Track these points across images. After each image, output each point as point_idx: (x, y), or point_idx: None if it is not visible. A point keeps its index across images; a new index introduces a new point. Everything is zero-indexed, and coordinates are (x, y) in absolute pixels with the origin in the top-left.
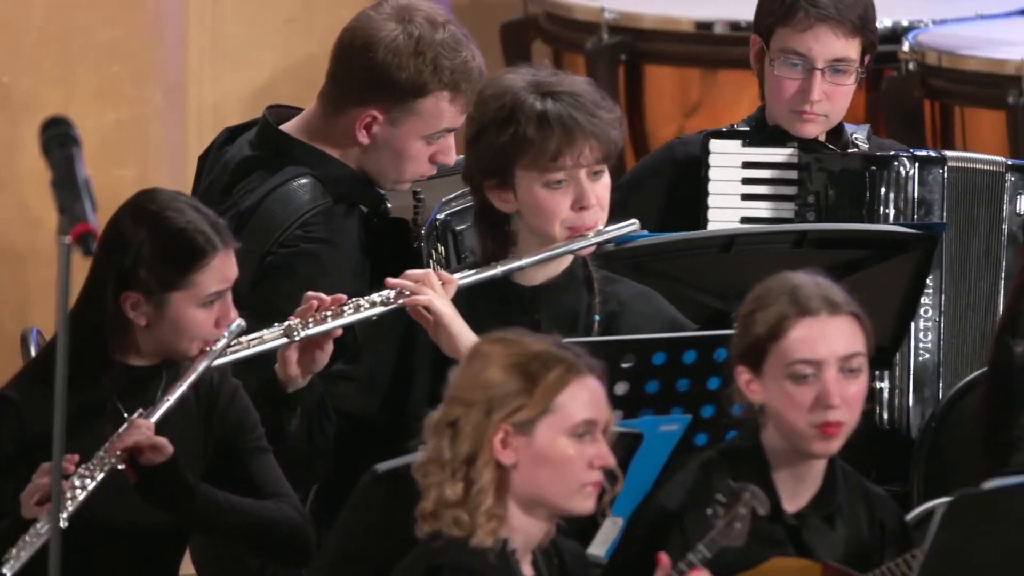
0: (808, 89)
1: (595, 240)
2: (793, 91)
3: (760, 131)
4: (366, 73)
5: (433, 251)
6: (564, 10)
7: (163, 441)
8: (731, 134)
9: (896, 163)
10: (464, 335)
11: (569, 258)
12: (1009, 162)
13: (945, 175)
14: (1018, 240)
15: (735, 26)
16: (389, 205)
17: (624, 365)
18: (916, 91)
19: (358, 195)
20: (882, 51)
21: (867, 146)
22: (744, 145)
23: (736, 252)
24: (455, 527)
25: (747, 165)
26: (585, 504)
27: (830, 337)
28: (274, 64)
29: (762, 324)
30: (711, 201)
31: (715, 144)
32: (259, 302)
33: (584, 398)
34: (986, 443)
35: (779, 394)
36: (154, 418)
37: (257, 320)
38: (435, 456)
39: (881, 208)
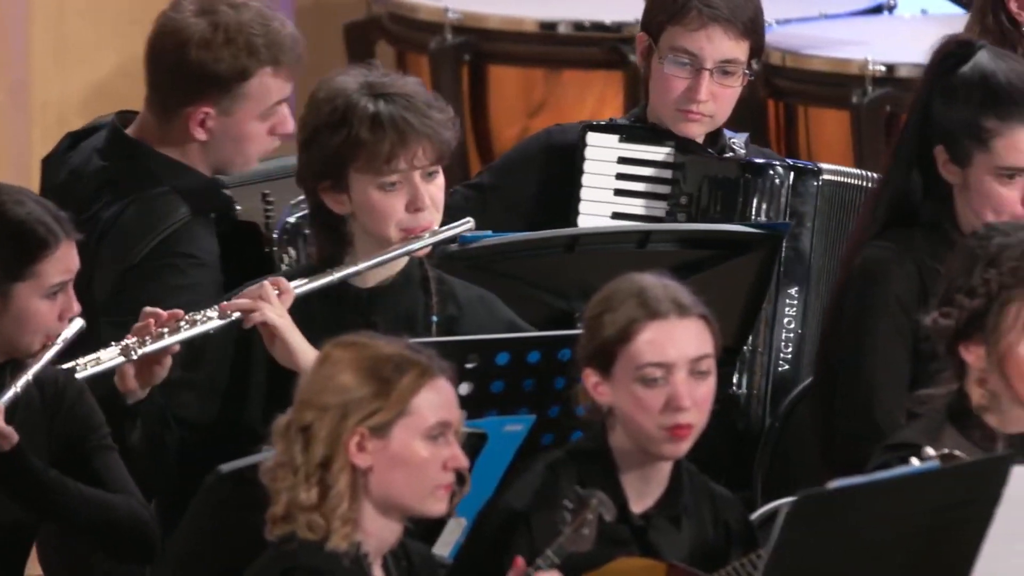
0: (695, 88)
1: (431, 241)
2: (680, 90)
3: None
4: (185, 74)
5: (285, 255)
6: (407, 10)
7: (8, 428)
8: (609, 128)
9: (771, 171)
10: (301, 348)
11: (405, 259)
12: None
13: (819, 187)
14: None
15: (579, 26)
16: (239, 208)
17: (468, 365)
18: (760, 91)
19: (213, 204)
20: None
21: (744, 152)
22: (621, 140)
23: (580, 252)
24: (309, 531)
25: (622, 161)
26: (438, 506)
27: (679, 339)
28: (117, 64)
29: (610, 327)
30: (583, 194)
31: (592, 137)
32: (123, 312)
33: (438, 400)
34: (823, 441)
35: (628, 397)
36: None
37: (119, 331)
38: (286, 460)
39: (753, 215)
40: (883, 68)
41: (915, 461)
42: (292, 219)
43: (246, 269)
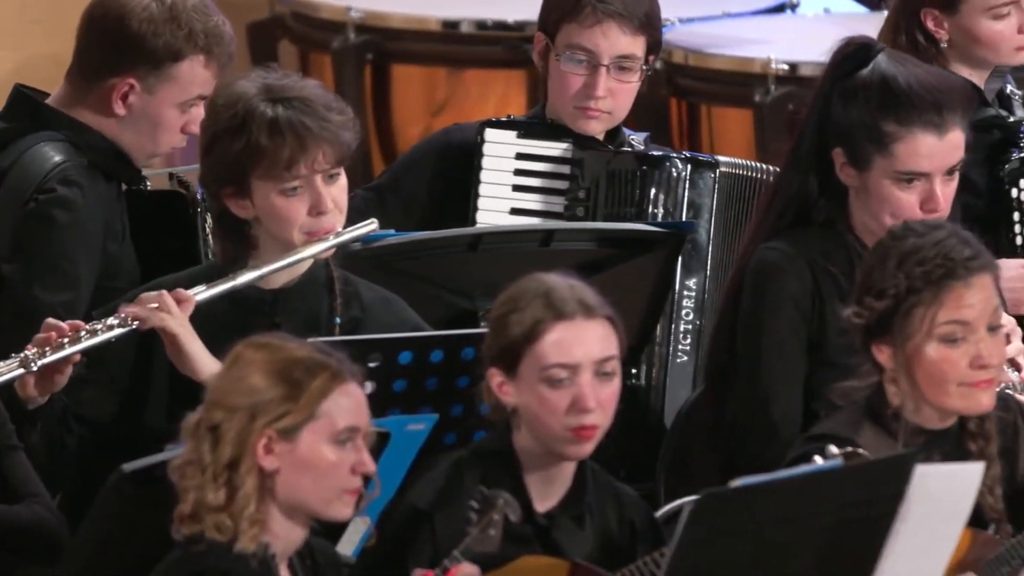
0: (593, 85)
1: (334, 243)
2: (578, 87)
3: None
4: (121, 42)
5: (208, 215)
6: (310, 9)
7: None
8: (507, 124)
9: (668, 164)
10: (199, 356)
11: (310, 261)
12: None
13: (716, 179)
14: None
15: (481, 25)
16: (149, 184)
17: (371, 364)
18: (663, 89)
19: (116, 169)
20: None
21: (642, 148)
22: (519, 136)
23: (483, 251)
24: (217, 532)
25: (521, 157)
26: (345, 510)
27: (585, 341)
28: (16, 62)
29: (516, 327)
30: (482, 190)
31: (490, 133)
32: (21, 252)
33: (347, 405)
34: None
35: (534, 397)
36: None
37: (18, 268)
38: (194, 459)
39: (650, 208)
40: (786, 67)
41: (818, 459)
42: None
43: (171, 236)
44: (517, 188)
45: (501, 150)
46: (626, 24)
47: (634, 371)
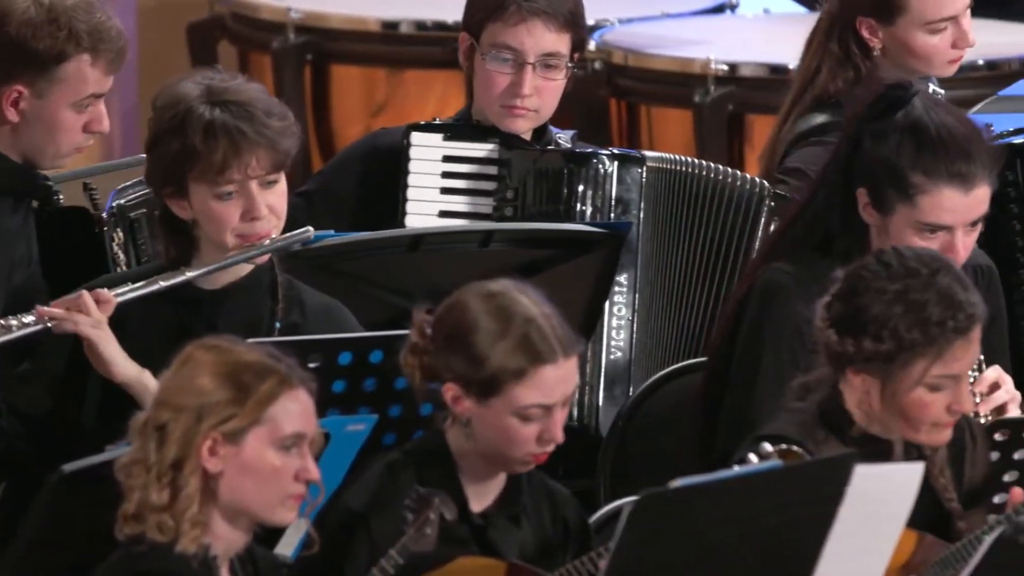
0: (519, 83)
1: (268, 249)
2: (504, 86)
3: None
4: (3, 49)
5: (115, 235)
6: (250, 10)
7: None
8: (433, 127)
9: (595, 161)
10: (116, 360)
11: (248, 264)
12: (714, 166)
13: (643, 174)
14: (735, 243)
15: (421, 26)
16: (61, 197)
17: (311, 365)
18: (602, 90)
19: (24, 187)
20: None
21: (569, 146)
22: (445, 139)
23: (423, 251)
24: (159, 532)
25: (447, 159)
26: (287, 516)
27: (565, 381)
28: None
29: (498, 362)
30: (410, 194)
31: (416, 136)
32: None
33: (295, 410)
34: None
35: (501, 425)
36: None
37: None
38: (140, 458)
39: (579, 205)
40: (725, 67)
41: (753, 458)
42: (119, 202)
43: (76, 254)
44: (445, 191)
45: (428, 153)
46: (551, 22)
47: None
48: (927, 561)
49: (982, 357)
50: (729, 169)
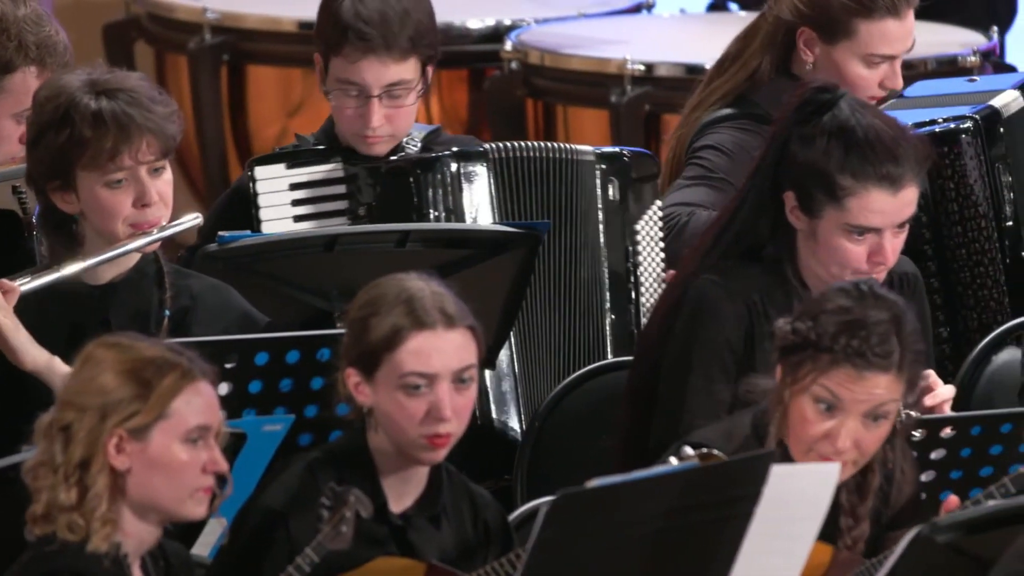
0: (367, 116)
1: (159, 236)
2: (354, 117)
3: (331, 141)
4: None
5: (44, 239)
6: (166, 10)
7: None
8: (274, 158)
9: (440, 164)
10: (24, 348)
11: (138, 255)
12: (596, 150)
13: (488, 168)
14: (615, 227)
15: None
16: None
17: (227, 365)
18: (519, 90)
19: None
20: (484, 50)
21: (417, 148)
22: (288, 167)
23: (339, 252)
24: (69, 532)
25: (294, 187)
26: (197, 509)
27: (444, 351)
28: None
29: (376, 331)
30: (264, 228)
31: (260, 171)
32: None
33: (198, 403)
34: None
35: (390, 402)
36: None
37: None
38: (46, 459)
39: (431, 212)
40: (642, 67)
41: (673, 460)
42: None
43: (3, 258)
44: (298, 218)
45: (273, 185)
46: (388, 55)
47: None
48: (842, 572)
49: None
50: (562, 144)
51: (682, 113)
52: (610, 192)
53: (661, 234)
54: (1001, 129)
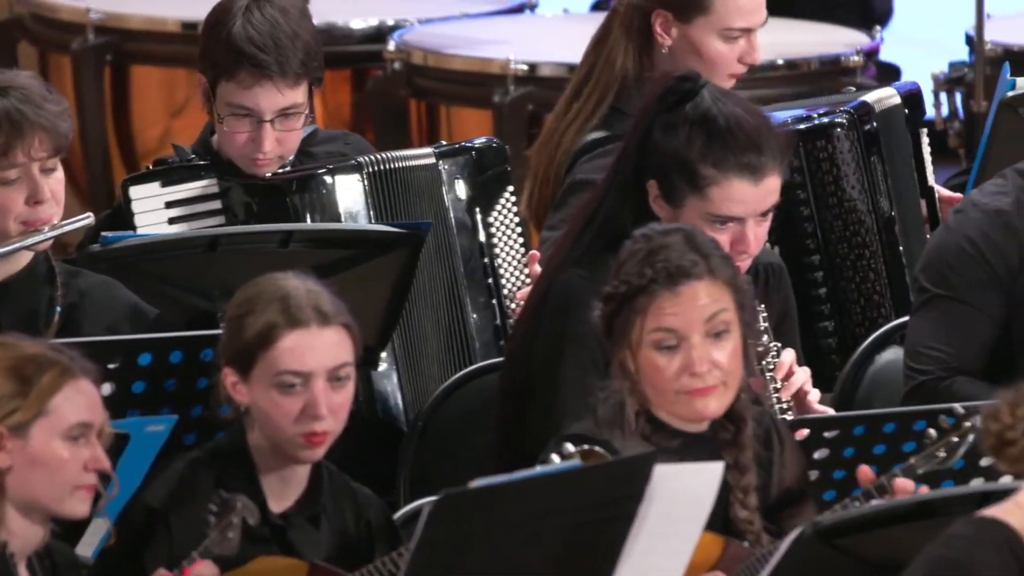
0: (259, 141)
1: (51, 235)
2: (244, 140)
3: (209, 152)
4: None
5: None
6: (49, 10)
7: None
8: (148, 176)
9: (314, 183)
10: None
11: (29, 254)
12: (439, 149)
13: (363, 181)
14: (467, 225)
15: None
16: None
17: (111, 366)
18: (402, 90)
19: None
20: (367, 51)
21: (292, 158)
22: (163, 185)
23: (222, 251)
24: None
25: (170, 205)
26: (80, 507)
27: (319, 349)
28: None
29: (251, 330)
30: None
31: (134, 191)
32: None
33: (79, 401)
34: (504, 433)
35: (266, 401)
36: None
37: None
38: None
39: None
40: (525, 67)
41: (555, 458)
42: None
43: None
44: None
45: (149, 204)
46: (282, 81)
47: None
48: (732, 568)
49: (778, 345)
50: (410, 151)
51: (548, 121)
52: (458, 190)
53: (517, 220)
54: (875, 124)
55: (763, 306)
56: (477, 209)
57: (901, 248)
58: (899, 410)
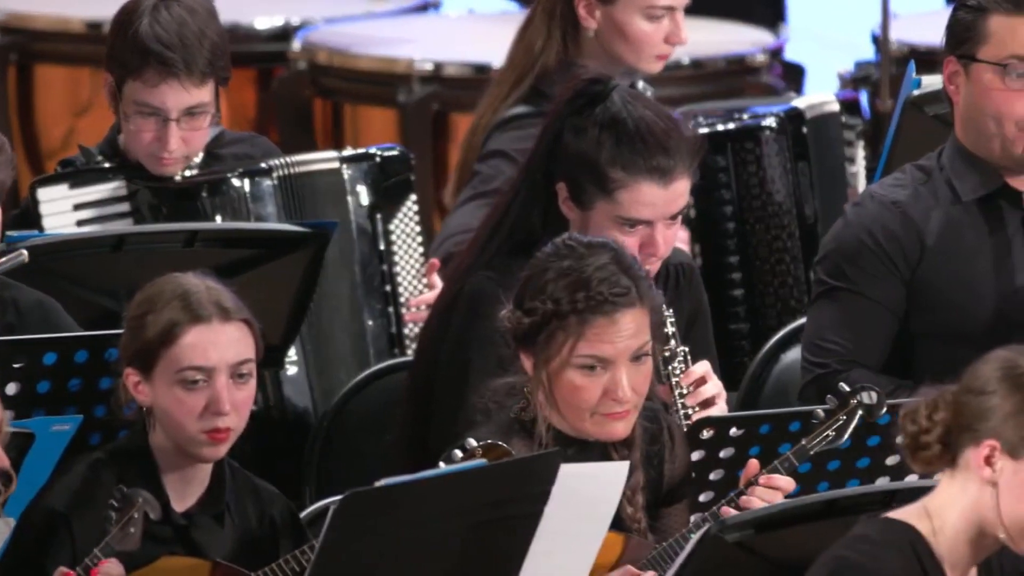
0: (165, 139)
1: None
2: (150, 139)
3: (116, 153)
4: None
5: None
6: None
7: None
8: (56, 178)
9: (225, 186)
10: None
11: None
12: (345, 154)
13: (275, 184)
14: (367, 231)
15: None
16: None
17: (15, 365)
18: (307, 90)
19: None
20: (272, 50)
21: (200, 157)
22: (71, 188)
23: (127, 251)
24: None
25: (78, 207)
26: None
27: (221, 344)
28: None
29: (152, 328)
30: None
31: (42, 192)
32: None
33: None
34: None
35: (168, 398)
36: None
37: None
38: None
39: None
40: (430, 67)
41: (457, 453)
42: None
43: None
44: None
45: (57, 207)
46: (189, 79)
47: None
48: (634, 563)
49: (686, 349)
50: (318, 154)
51: (475, 114)
52: (360, 196)
53: (419, 229)
54: (804, 129)
55: (671, 311)
56: (379, 216)
57: None
58: (805, 409)
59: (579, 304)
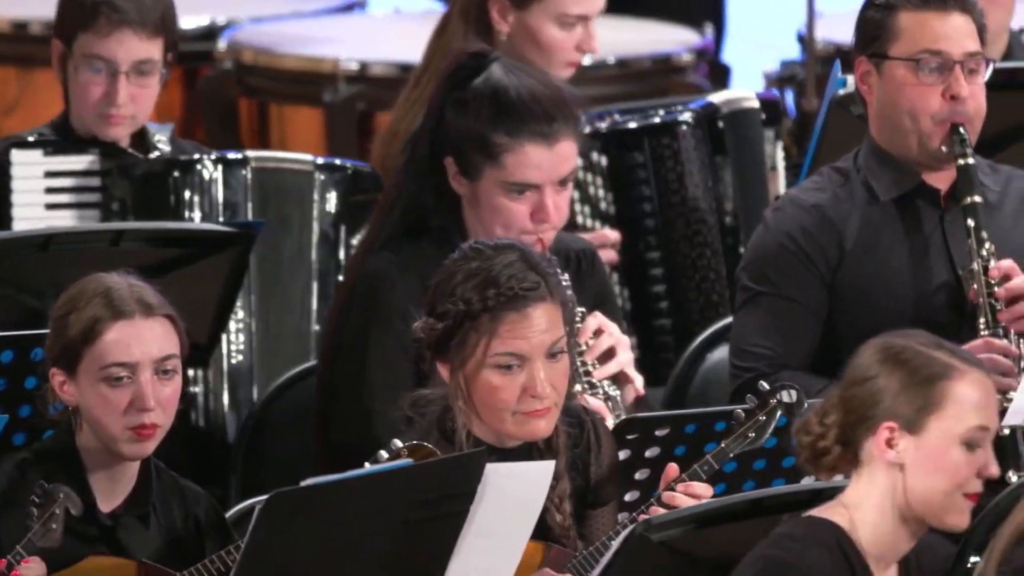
0: (114, 93)
1: None
2: (99, 95)
3: (64, 136)
4: None
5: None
6: None
7: None
8: (34, 144)
9: (199, 167)
10: None
11: None
12: (319, 161)
13: (248, 176)
14: (330, 238)
15: (51, 25)
16: None
17: None
18: (232, 89)
19: None
20: (197, 50)
21: (169, 148)
22: (46, 155)
23: (54, 251)
24: None
25: (49, 175)
26: None
27: (145, 340)
28: None
29: (75, 326)
30: (15, 212)
31: (16, 155)
32: None
33: None
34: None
35: (93, 396)
36: None
37: None
38: None
39: (187, 212)
40: (355, 66)
41: (383, 454)
42: None
43: None
44: (50, 207)
45: (29, 171)
46: (142, 30)
47: (191, 375)
48: (557, 570)
49: (583, 310)
50: (295, 155)
51: (391, 115)
52: (328, 203)
53: None
54: (721, 124)
55: (576, 298)
56: (343, 227)
57: (743, 249)
58: (730, 408)
59: (490, 301)
